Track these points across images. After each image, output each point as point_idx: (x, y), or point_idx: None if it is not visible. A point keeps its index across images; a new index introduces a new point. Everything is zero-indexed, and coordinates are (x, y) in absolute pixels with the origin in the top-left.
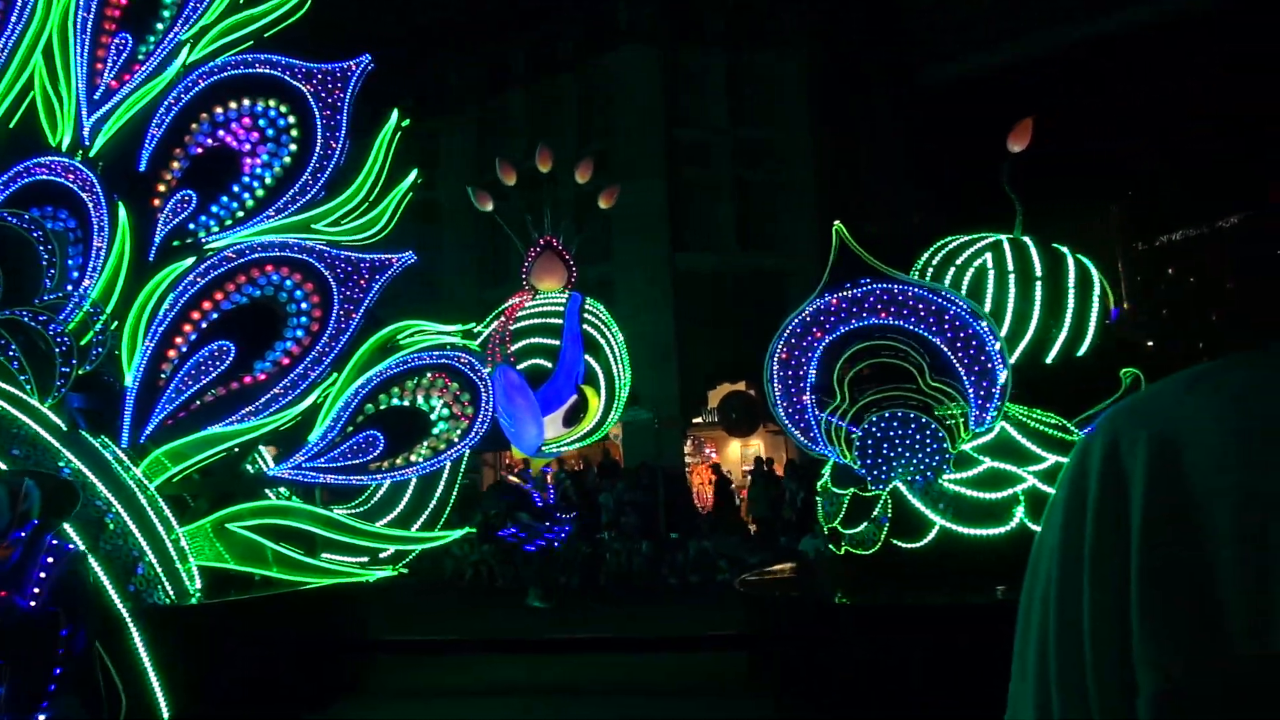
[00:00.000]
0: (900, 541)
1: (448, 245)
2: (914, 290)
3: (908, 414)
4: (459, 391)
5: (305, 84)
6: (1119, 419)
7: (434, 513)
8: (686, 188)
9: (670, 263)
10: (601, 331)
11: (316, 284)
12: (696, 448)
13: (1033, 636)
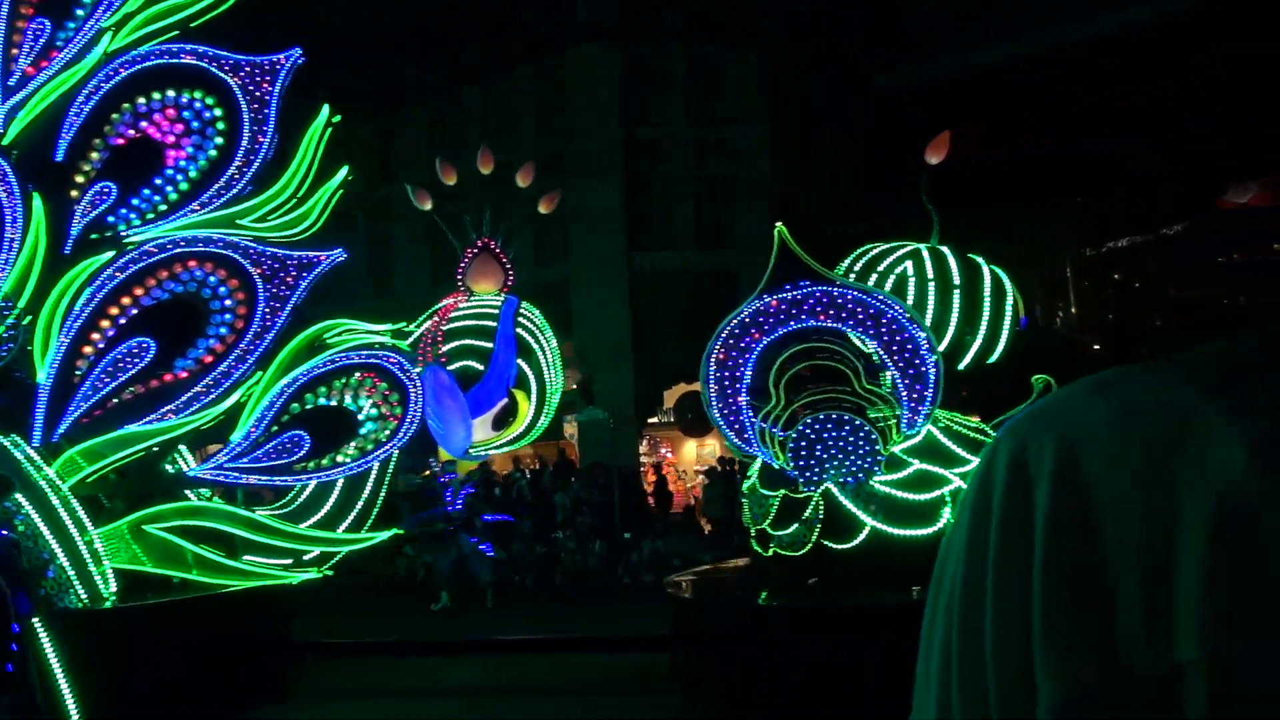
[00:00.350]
0: (831, 542)
1: (401, 242)
2: (853, 294)
3: (841, 416)
4: (388, 391)
5: (232, 76)
6: (1026, 423)
7: (361, 514)
8: (644, 186)
9: (628, 262)
10: (535, 336)
11: (241, 280)
12: (652, 447)
13: (936, 643)
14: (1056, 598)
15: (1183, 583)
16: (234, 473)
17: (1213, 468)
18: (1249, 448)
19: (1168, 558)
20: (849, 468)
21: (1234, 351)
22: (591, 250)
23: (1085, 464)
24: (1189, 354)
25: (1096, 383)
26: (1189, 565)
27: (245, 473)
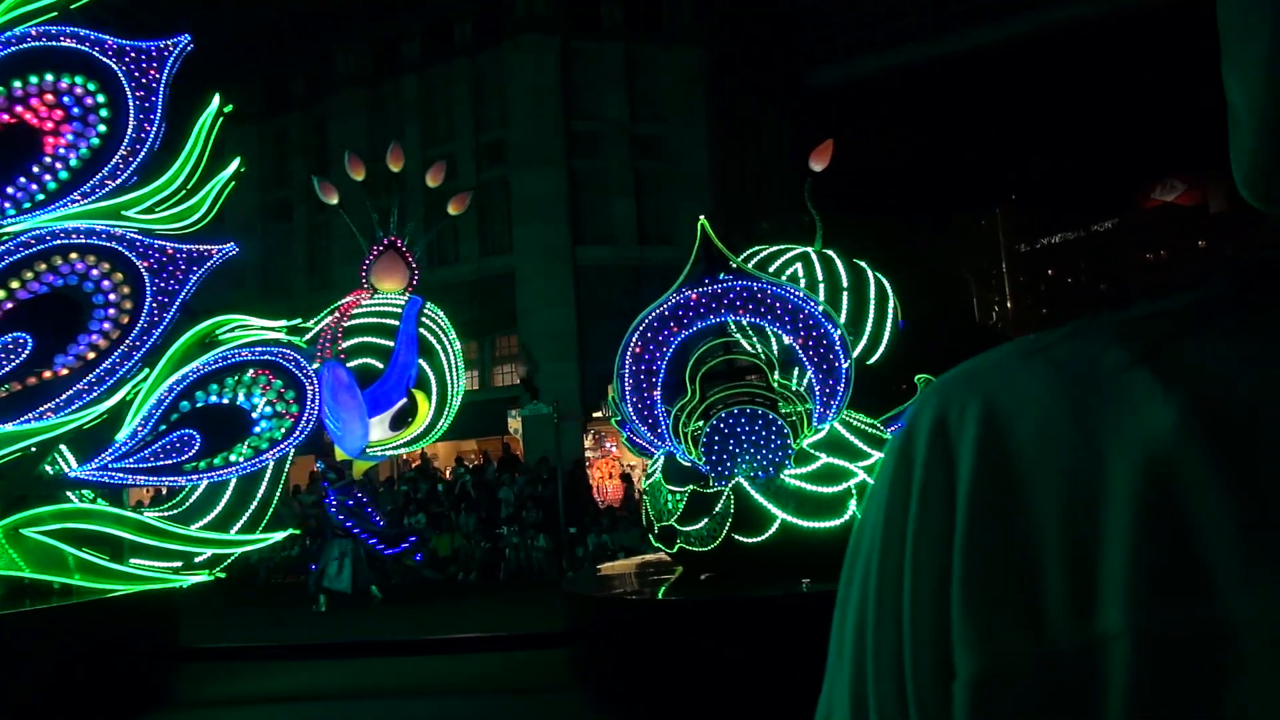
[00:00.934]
0: (742, 536)
1: (339, 233)
2: (772, 289)
3: (755, 410)
4: (283, 389)
5: (116, 61)
6: (950, 387)
7: (255, 514)
8: (585, 180)
9: (571, 255)
10: (439, 337)
11: (127, 274)
12: (597, 442)
13: (851, 614)
14: (977, 571)
15: (1108, 552)
16: (120, 473)
17: (1141, 431)
18: (1179, 409)
19: (1094, 526)
20: (760, 462)
21: (1172, 309)
22: (535, 243)
23: (1011, 431)
24: (1125, 312)
25: (1026, 345)
26: (1115, 533)
27: (132, 473)
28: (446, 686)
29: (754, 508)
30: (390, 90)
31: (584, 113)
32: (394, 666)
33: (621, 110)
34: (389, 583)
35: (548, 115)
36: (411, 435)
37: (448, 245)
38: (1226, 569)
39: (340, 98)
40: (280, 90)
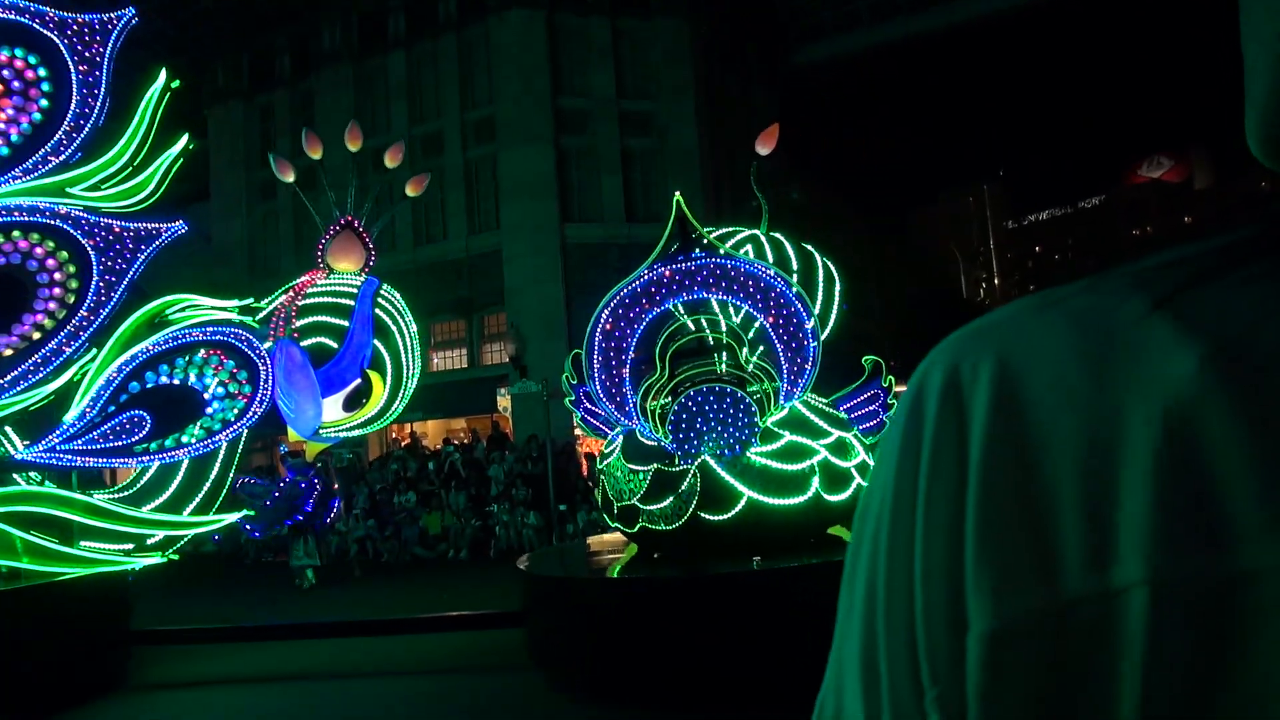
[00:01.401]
0: (708, 514)
1: (325, 211)
2: (745, 266)
3: (723, 388)
4: (236, 369)
5: (58, 35)
6: (961, 342)
7: (209, 495)
8: (573, 157)
9: (559, 233)
10: (394, 318)
11: (72, 252)
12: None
13: (861, 571)
14: (992, 525)
15: (1126, 503)
16: (68, 455)
17: (1160, 380)
18: (1199, 357)
19: (1111, 477)
20: (727, 440)
21: (1193, 256)
22: (524, 220)
23: (1025, 385)
24: (1143, 262)
25: (1039, 299)
26: (1133, 484)
27: (80, 454)
28: (406, 666)
29: (720, 485)
30: (377, 67)
31: (572, 89)
32: (353, 647)
33: (609, 86)
34: (379, 560)
35: (535, 92)
36: (366, 416)
37: (435, 224)
38: (1247, 518)
39: (325, 75)
40: (266, 67)
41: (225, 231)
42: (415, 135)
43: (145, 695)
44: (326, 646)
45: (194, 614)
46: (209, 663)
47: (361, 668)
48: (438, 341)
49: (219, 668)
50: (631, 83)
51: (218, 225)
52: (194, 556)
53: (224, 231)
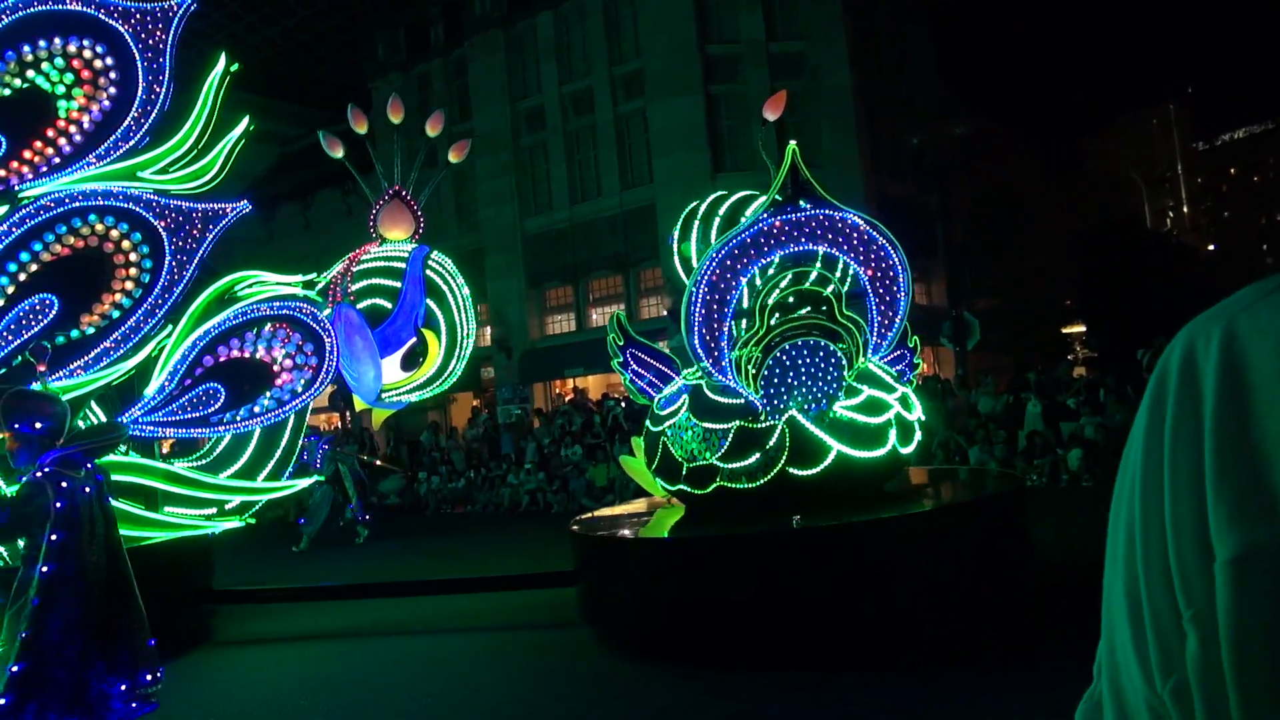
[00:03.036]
0: (797, 469)
1: (482, 174)
2: (851, 218)
3: (816, 341)
4: (302, 342)
5: (123, 24)
6: (1199, 322)
7: (280, 462)
8: (723, 105)
9: (712, 183)
10: (446, 281)
11: (145, 233)
12: None
13: (1121, 521)
14: (1224, 473)
15: None
16: (150, 426)
17: None
18: None
19: None
20: (815, 394)
21: None
22: (676, 172)
23: (1248, 354)
24: None
25: (1268, 284)
26: None
27: (161, 425)
28: (464, 624)
29: (810, 440)
30: (525, 29)
31: (720, 35)
32: (414, 606)
33: (757, 30)
34: (549, 511)
35: (682, 41)
36: (424, 377)
37: (589, 181)
38: None
39: (477, 41)
40: (421, 39)
41: None
42: (565, 94)
43: (226, 650)
44: (399, 605)
45: (253, 576)
46: (282, 620)
47: (417, 624)
48: (595, 298)
49: (293, 625)
50: (781, 24)
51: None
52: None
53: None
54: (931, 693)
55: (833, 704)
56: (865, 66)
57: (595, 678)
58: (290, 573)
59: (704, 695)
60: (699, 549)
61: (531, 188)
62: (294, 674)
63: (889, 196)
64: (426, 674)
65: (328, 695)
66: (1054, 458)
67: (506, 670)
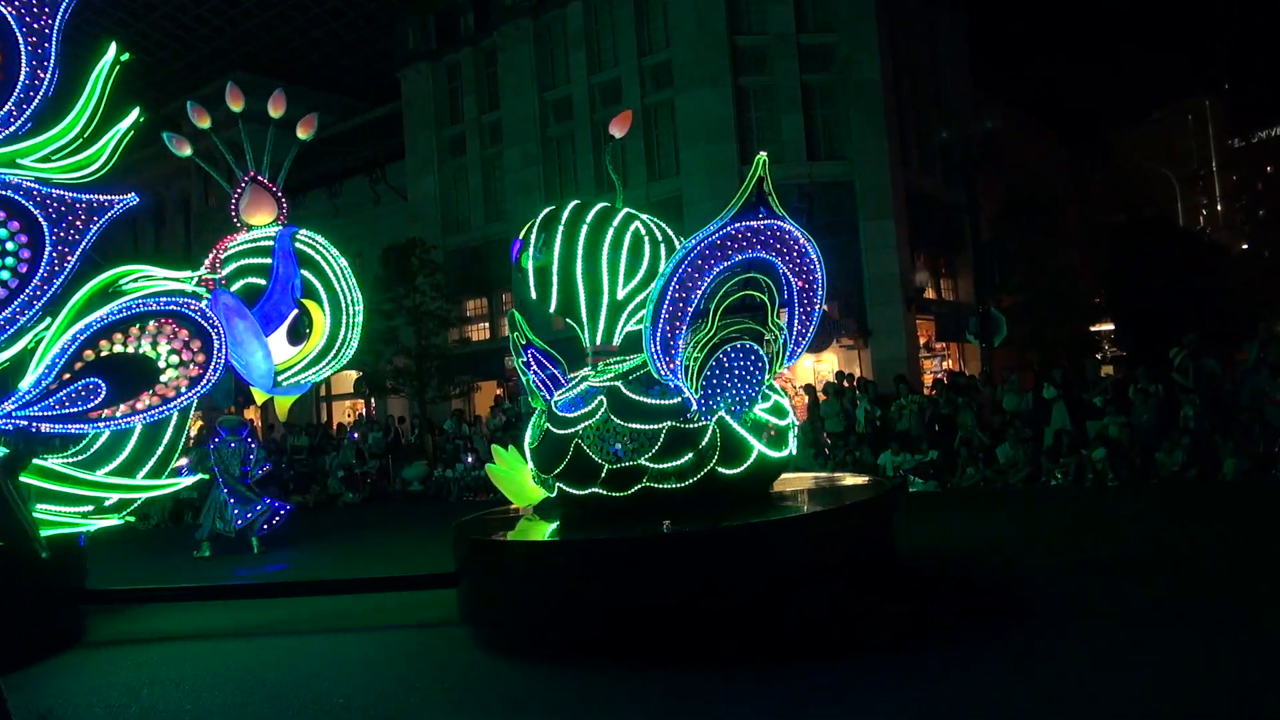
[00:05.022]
0: (725, 469)
1: (510, 164)
2: (796, 231)
3: (751, 345)
4: (189, 339)
5: (6, 6)
6: None
7: (161, 460)
8: (751, 96)
9: (738, 175)
10: (319, 251)
11: (25, 222)
12: None
13: None
14: None
15: None
16: (24, 420)
17: None
18: None
19: None
20: (743, 395)
21: None
22: (702, 164)
23: None
24: None
25: None
26: None
27: (37, 420)
28: (339, 625)
29: (737, 440)
30: (555, 19)
31: (749, 27)
32: (296, 606)
33: (787, 22)
34: None
35: (711, 32)
36: (316, 349)
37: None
38: None
39: (507, 31)
40: (451, 27)
41: (419, 188)
42: (594, 84)
43: (98, 650)
44: (266, 605)
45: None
46: (158, 620)
47: (294, 625)
48: None
49: (170, 624)
50: (811, 16)
51: (412, 183)
52: (401, 494)
53: (418, 188)
54: (793, 689)
55: (701, 701)
56: (896, 59)
57: (471, 679)
58: (188, 573)
59: (583, 694)
60: (580, 551)
61: (559, 177)
62: (167, 675)
63: (917, 190)
64: (313, 674)
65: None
66: (1079, 457)
67: (380, 672)
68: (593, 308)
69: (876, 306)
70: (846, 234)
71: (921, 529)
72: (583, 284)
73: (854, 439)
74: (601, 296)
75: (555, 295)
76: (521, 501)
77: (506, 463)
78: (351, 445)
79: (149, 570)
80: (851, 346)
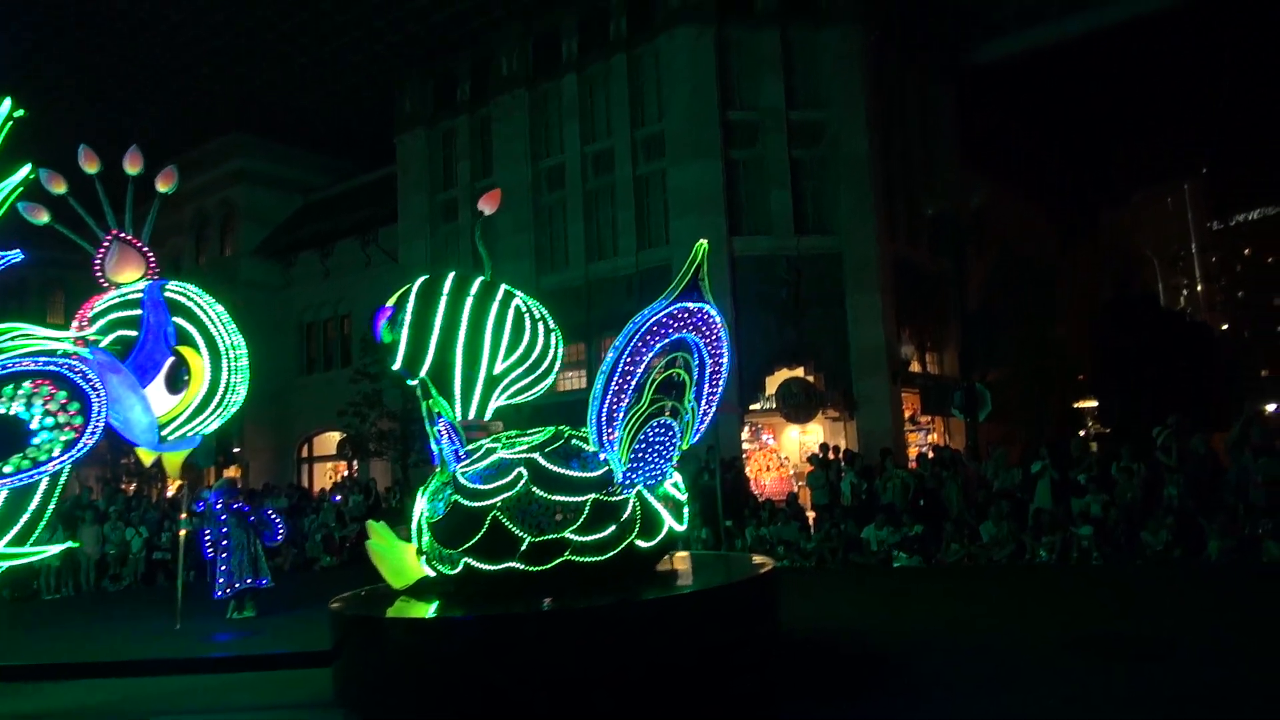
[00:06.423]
0: (641, 541)
1: (503, 229)
2: (719, 317)
3: (670, 422)
4: (66, 400)
5: None
6: None
7: (26, 527)
8: (742, 170)
9: (728, 246)
10: (190, 298)
11: None
12: (754, 434)
13: None
14: None
15: None
16: None
17: None
18: None
19: None
20: (658, 470)
21: None
22: (692, 234)
23: None
24: None
25: None
26: None
27: None
28: (211, 705)
29: (653, 513)
30: (550, 89)
31: (740, 102)
32: (164, 685)
33: (778, 98)
34: None
35: (703, 106)
36: (198, 398)
37: (606, 240)
38: None
39: (503, 100)
40: (448, 94)
41: (411, 252)
42: (587, 154)
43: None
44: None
45: None
46: None
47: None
48: None
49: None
50: (802, 92)
51: (404, 246)
52: None
53: (410, 252)
54: None
55: None
56: (885, 135)
57: None
58: None
59: None
60: (463, 628)
61: (550, 245)
62: None
63: (904, 263)
64: None
65: None
66: (1065, 535)
67: None
68: (469, 380)
69: (862, 378)
70: (834, 306)
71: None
72: (462, 355)
73: (839, 511)
74: (479, 369)
75: (429, 365)
76: (399, 582)
77: (385, 539)
78: (332, 508)
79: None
80: (837, 418)
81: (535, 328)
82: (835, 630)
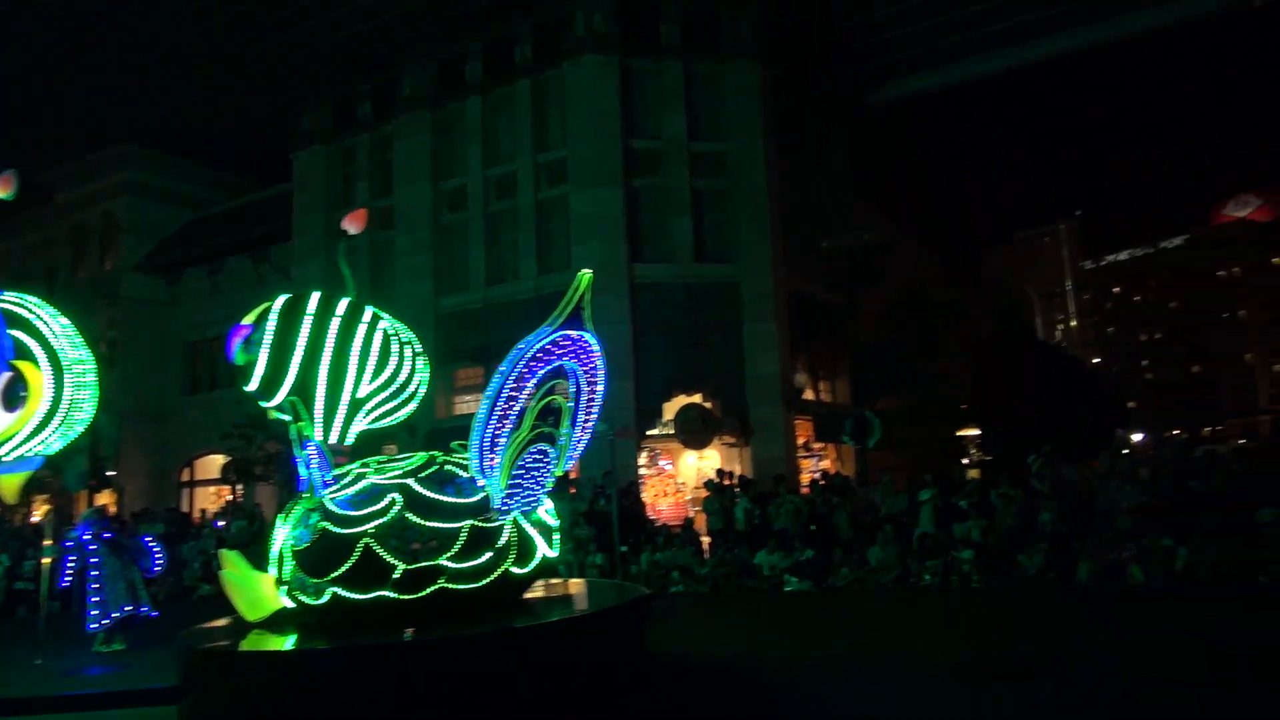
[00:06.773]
0: (517, 568)
1: (400, 250)
2: (592, 345)
3: (546, 448)
4: None
5: None
6: None
7: None
8: (643, 198)
9: (628, 273)
10: (30, 310)
11: None
12: (652, 459)
13: None
14: None
15: None
16: None
17: None
18: None
19: None
20: (533, 497)
21: None
22: (593, 260)
23: None
24: None
25: None
26: None
27: None
28: None
29: (527, 539)
30: (454, 111)
31: (643, 131)
32: None
33: (680, 129)
34: None
35: (606, 134)
36: (39, 415)
37: (508, 264)
38: None
39: (405, 120)
40: (348, 113)
41: (305, 270)
42: (490, 177)
43: None
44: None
45: None
46: None
47: None
48: None
49: None
50: (704, 124)
51: (298, 264)
52: None
53: (304, 270)
54: None
55: None
56: (784, 170)
57: None
58: None
59: None
60: (323, 661)
61: (450, 267)
62: None
63: (800, 294)
64: None
65: None
66: (947, 559)
67: None
68: (332, 403)
69: (758, 405)
70: (730, 334)
71: None
72: (325, 377)
73: (733, 537)
74: (341, 392)
75: (288, 386)
76: (254, 614)
77: (240, 569)
78: (213, 533)
79: None
80: (734, 444)
81: (402, 351)
82: (725, 656)
